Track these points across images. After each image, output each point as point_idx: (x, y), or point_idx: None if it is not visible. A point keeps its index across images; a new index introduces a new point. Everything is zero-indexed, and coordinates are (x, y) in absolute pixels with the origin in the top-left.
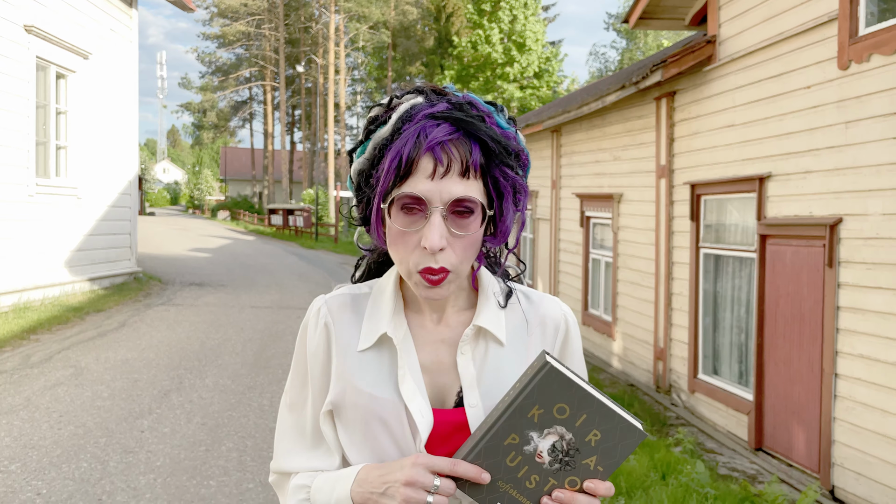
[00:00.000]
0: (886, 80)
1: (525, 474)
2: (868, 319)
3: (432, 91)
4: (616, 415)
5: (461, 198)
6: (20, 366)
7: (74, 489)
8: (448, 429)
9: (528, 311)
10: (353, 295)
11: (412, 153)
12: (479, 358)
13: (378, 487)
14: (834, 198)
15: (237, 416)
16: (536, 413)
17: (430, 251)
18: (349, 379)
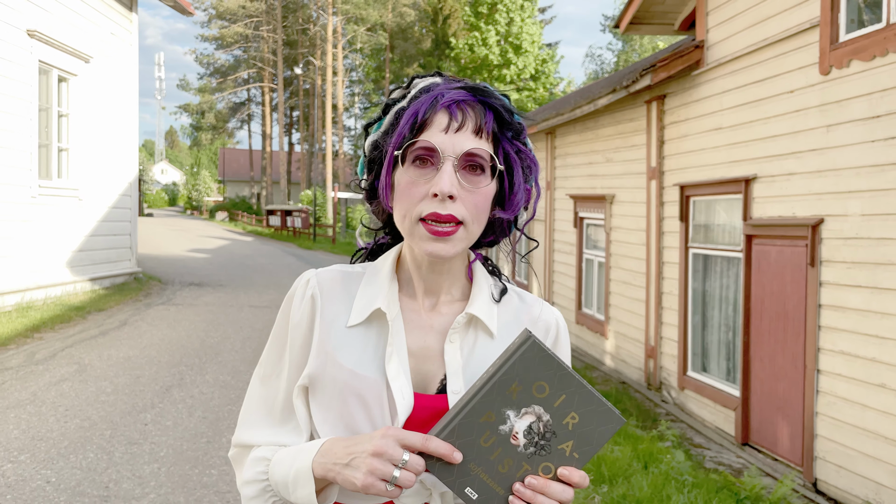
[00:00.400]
0: (865, 85)
1: (498, 457)
2: (848, 317)
3: (450, 77)
4: (595, 398)
5: (473, 150)
6: (25, 363)
7: (82, 477)
8: (428, 414)
9: (520, 309)
10: (345, 272)
11: (428, 110)
12: (468, 347)
13: (342, 458)
14: (816, 199)
15: (237, 410)
16: (516, 390)
17: (441, 196)
18: (331, 353)
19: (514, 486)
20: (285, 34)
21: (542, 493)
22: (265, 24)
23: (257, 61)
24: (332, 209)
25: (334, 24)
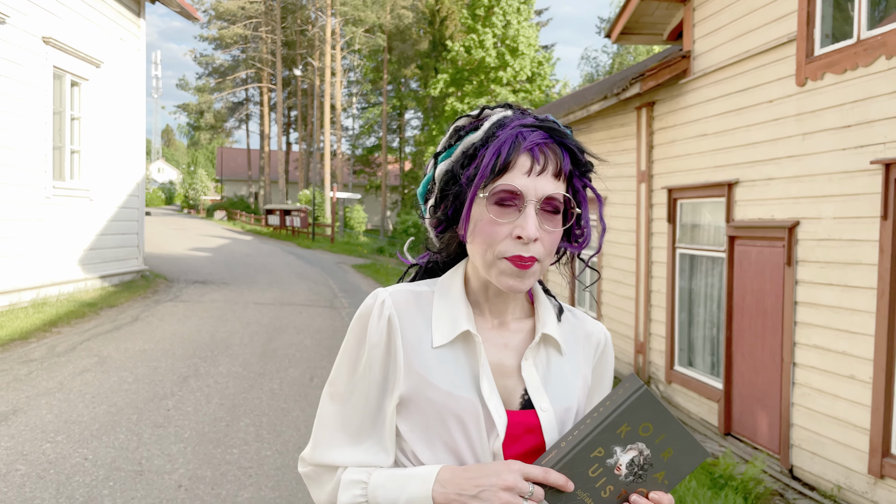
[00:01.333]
0: (838, 97)
1: (602, 485)
2: (821, 313)
3: (518, 109)
4: (689, 436)
5: (553, 195)
6: (48, 355)
7: (116, 455)
8: (519, 430)
9: (576, 326)
10: (416, 292)
11: (511, 151)
12: (542, 365)
13: (469, 490)
14: (793, 203)
15: (251, 398)
16: (624, 430)
17: (527, 240)
18: (423, 375)
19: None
20: (284, 35)
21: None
22: (264, 25)
23: (256, 62)
24: (330, 209)
25: (333, 25)
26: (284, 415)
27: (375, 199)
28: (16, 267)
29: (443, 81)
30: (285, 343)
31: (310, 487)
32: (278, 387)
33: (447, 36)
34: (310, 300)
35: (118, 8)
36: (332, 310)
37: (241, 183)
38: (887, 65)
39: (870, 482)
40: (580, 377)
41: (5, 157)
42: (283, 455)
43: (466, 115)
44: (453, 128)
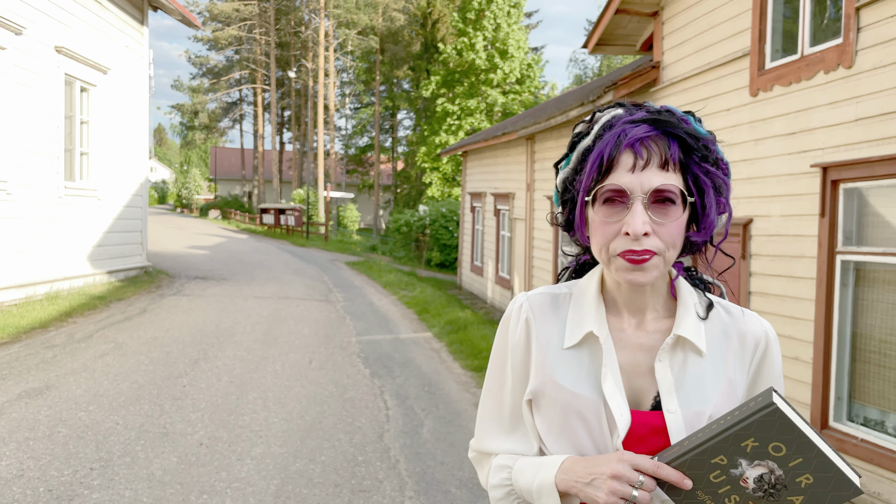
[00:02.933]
0: (784, 107)
1: (726, 492)
2: (771, 301)
3: (631, 104)
4: (834, 466)
5: (661, 187)
6: (68, 341)
7: (143, 421)
8: (645, 430)
9: (728, 324)
10: (553, 294)
11: (612, 151)
12: (678, 366)
13: (584, 478)
14: (747, 202)
15: (257, 377)
16: (750, 444)
17: (633, 236)
18: (550, 374)
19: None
20: (278, 37)
21: None
22: (258, 27)
23: (250, 63)
24: (324, 208)
25: (326, 27)
26: (287, 391)
27: (368, 198)
28: (32, 262)
29: (434, 83)
30: (285, 332)
31: (477, 469)
32: (281, 368)
33: (438, 38)
34: (306, 294)
35: (123, 17)
36: (328, 303)
37: (234, 182)
38: (825, 79)
39: None
40: (723, 380)
41: (23, 159)
42: (287, 421)
43: (583, 121)
44: (572, 135)
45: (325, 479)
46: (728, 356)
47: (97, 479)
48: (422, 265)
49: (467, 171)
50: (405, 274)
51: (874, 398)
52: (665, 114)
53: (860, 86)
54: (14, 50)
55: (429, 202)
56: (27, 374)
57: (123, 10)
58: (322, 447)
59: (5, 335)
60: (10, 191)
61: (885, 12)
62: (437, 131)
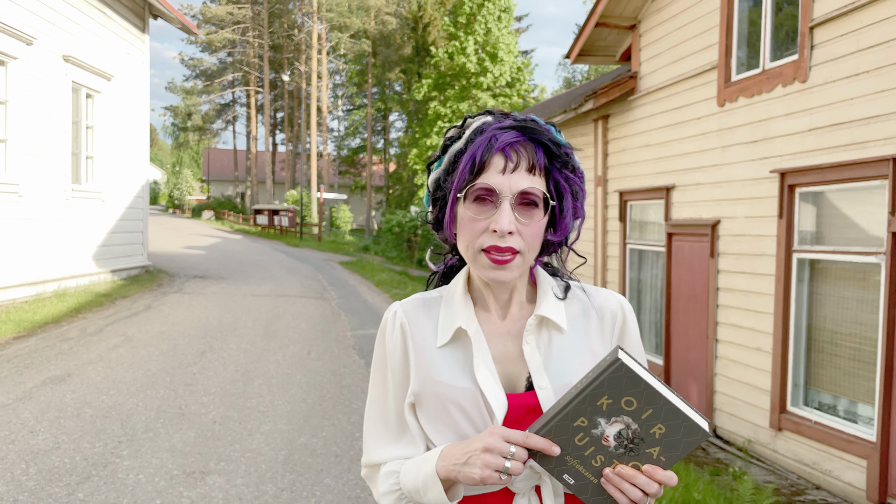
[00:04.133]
0: (748, 116)
1: (591, 453)
2: (736, 297)
3: (500, 113)
4: (681, 413)
5: (528, 189)
6: (81, 335)
7: (160, 403)
8: (521, 411)
9: (586, 302)
10: (424, 299)
11: (485, 153)
12: (544, 345)
13: (460, 458)
14: (715, 204)
15: (260, 366)
16: (605, 402)
17: (500, 233)
18: (427, 372)
19: (604, 471)
20: (271, 40)
21: (629, 482)
22: (251, 30)
23: (243, 65)
24: (317, 209)
25: (319, 30)
26: (289, 378)
27: (360, 199)
28: (41, 261)
29: (426, 86)
30: (284, 326)
31: (370, 487)
32: (282, 358)
33: (430, 42)
34: (302, 292)
35: (126, 26)
36: (323, 301)
37: (227, 183)
38: (783, 91)
39: (771, 434)
40: (588, 353)
41: (33, 163)
42: (291, 403)
43: (454, 126)
44: (443, 139)
45: (327, 450)
46: (589, 330)
47: (126, 450)
48: (414, 265)
49: None
50: (397, 273)
51: (827, 384)
52: (531, 122)
53: (813, 98)
54: (25, 59)
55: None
56: (48, 363)
57: (126, 19)
58: (323, 425)
59: (22, 329)
60: (22, 193)
61: (835, 31)
62: (429, 133)
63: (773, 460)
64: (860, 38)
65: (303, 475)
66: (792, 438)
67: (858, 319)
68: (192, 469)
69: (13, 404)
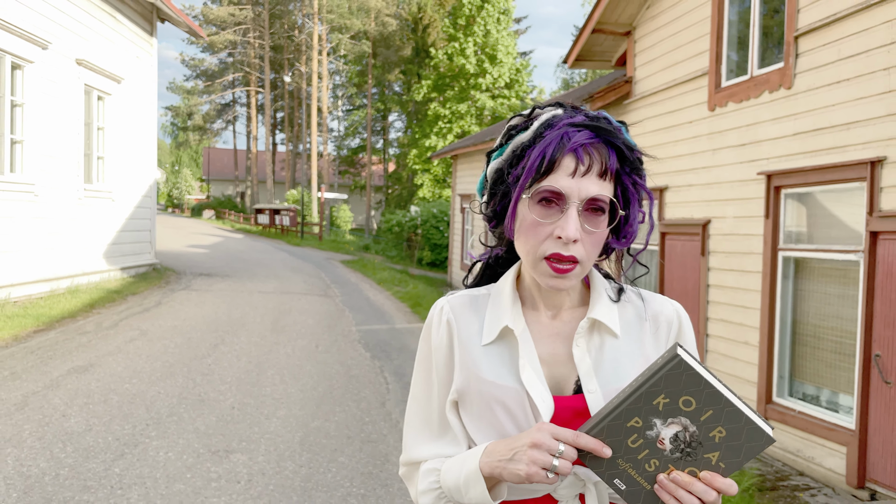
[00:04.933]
0: (737, 121)
1: (645, 457)
2: (725, 293)
3: (570, 106)
4: (743, 416)
5: (597, 196)
6: (97, 329)
7: (181, 391)
8: (569, 414)
9: (641, 307)
10: (472, 296)
11: (556, 152)
12: (595, 349)
13: (506, 455)
14: (706, 205)
15: (271, 358)
16: (662, 401)
17: (566, 240)
18: (472, 370)
19: (658, 477)
20: (272, 40)
21: (685, 489)
22: (252, 31)
23: (244, 66)
24: (318, 208)
25: (319, 31)
26: (300, 368)
27: (360, 198)
28: (55, 258)
29: (425, 87)
30: (291, 321)
31: (408, 486)
32: (291, 351)
33: (429, 43)
34: (306, 290)
35: (135, 30)
36: (327, 297)
37: (227, 183)
38: (770, 97)
39: None
40: (641, 359)
41: (48, 164)
42: (303, 392)
43: (519, 115)
44: (506, 127)
45: (339, 433)
46: (643, 336)
47: (153, 431)
48: (413, 264)
49: (457, 174)
50: (398, 272)
51: (810, 376)
52: (603, 121)
53: (798, 104)
54: (41, 63)
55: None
56: (70, 354)
57: (135, 23)
58: (335, 411)
59: (41, 323)
60: (38, 193)
61: (818, 41)
62: (428, 134)
63: None
64: (841, 48)
65: (318, 454)
66: (777, 428)
67: (839, 314)
68: (217, 448)
69: (43, 391)
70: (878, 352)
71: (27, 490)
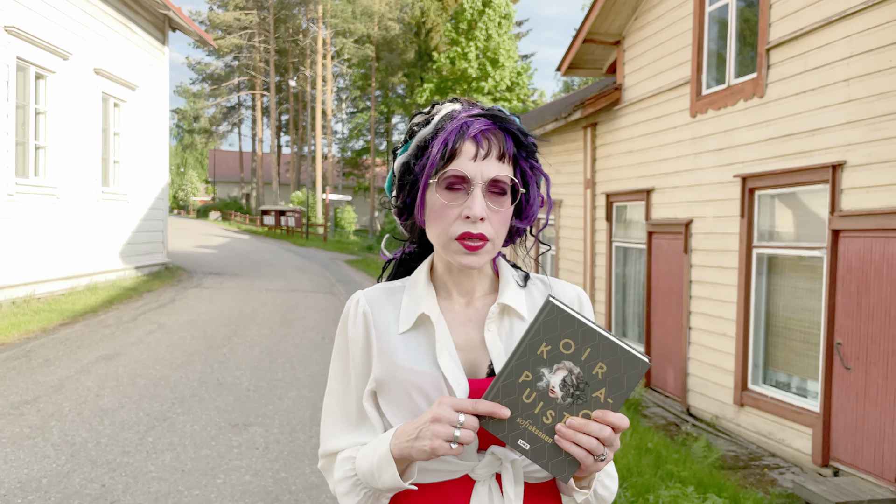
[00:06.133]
0: (716, 127)
1: (541, 410)
2: (705, 288)
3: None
4: (618, 346)
5: (498, 177)
6: (118, 322)
7: (200, 376)
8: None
9: (544, 292)
10: (388, 288)
11: (457, 140)
12: (505, 333)
13: (412, 434)
14: (688, 205)
15: (281, 348)
16: (545, 350)
17: (473, 219)
18: (391, 357)
19: (556, 428)
20: (276, 44)
21: (581, 432)
22: (258, 35)
23: (249, 69)
24: (322, 210)
25: (323, 35)
26: (308, 357)
27: (364, 199)
28: (75, 257)
29: (428, 90)
30: (299, 316)
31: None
32: (300, 342)
33: (432, 47)
34: (312, 288)
35: (148, 39)
36: (332, 295)
37: (232, 184)
38: (744, 105)
39: (735, 410)
40: None
41: (69, 168)
42: (312, 377)
43: (420, 112)
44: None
45: None
46: None
47: (179, 409)
48: None
49: None
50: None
51: (782, 364)
52: (499, 111)
53: (769, 112)
54: (62, 73)
55: None
56: (96, 345)
57: (148, 33)
58: None
59: (66, 318)
60: (59, 195)
61: (787, 53)
62: None
63: (737, 433)
64: (807, 60)
65: None
66: (752, 413)
67: (807, 307)
68: (237, 422)
69: (76, 376)
70: (840, 340)
71: (74, 454)
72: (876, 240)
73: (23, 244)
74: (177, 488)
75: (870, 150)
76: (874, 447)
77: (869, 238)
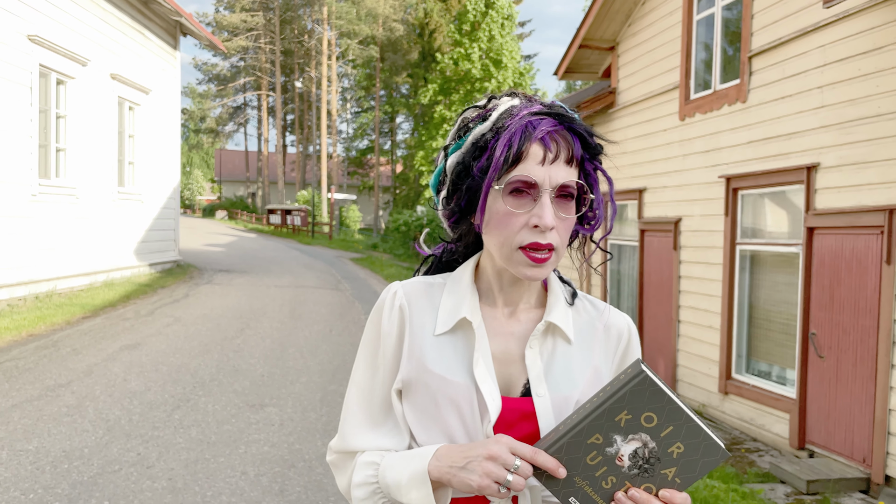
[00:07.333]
0: (703, 130)
1: (603, 474)
2: (693, 283)
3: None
4: (702, 432)
5: (567, 182)
6: (136, 316)
7: (217, 363)
8: (515, 416)
9: (594, 317)
10: (427, 283)
11: (523, 142)
12: (547, 353)
13: (458, 462)
14: (677, 205)
15: (293, 339)
16: (624, 418)
17: (543, 228)
18: (421, 360)
19: (616, 495)
20: (282, 45)
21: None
22: (263, 37)
23: (255, 70)
24: (327, 209)
25: (329, 37)
26: (317, 347)
27: (368, 199)
28: (93, 254)
29: (432, 90)
30: (307, 311)
31: (335, 475)
32: (309, 334)
33: (436, 48)
34: (319, 284)
35: (161, 44)
36: (338, 291)
37: (238, 184)
38: (728, 110)
39: (720, 398)
40: (590, 368)
41: (88, 169)
42: (321, 365)
43: (474, 106)
44: (461, 119)
45: None
46: (594, 345)
47: (200, 391)
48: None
49: None
50: (404, 269)
51: (763, 354)
52: (561, 108)
53: (751, 116)
54: (81, 78)
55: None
56: (118, 336)
57: (161, 38)
58: (347, 378)
59: (87, 311)
60: (79, 195)
61: (767, 61)
62: (434, 136)
63: (722, 420)
64: (785, 68)
65: (335, 408)
66: (736, 401)
67: (786, 300)
68: (253, 403)
69: (103, 363)
70: (814, 331)
71: (109, 429)
72: (846, 237)
73: (45, 242)
74: (204, 456)
75: (841, 153)
76: (844, 430)
77: (840, 235)
